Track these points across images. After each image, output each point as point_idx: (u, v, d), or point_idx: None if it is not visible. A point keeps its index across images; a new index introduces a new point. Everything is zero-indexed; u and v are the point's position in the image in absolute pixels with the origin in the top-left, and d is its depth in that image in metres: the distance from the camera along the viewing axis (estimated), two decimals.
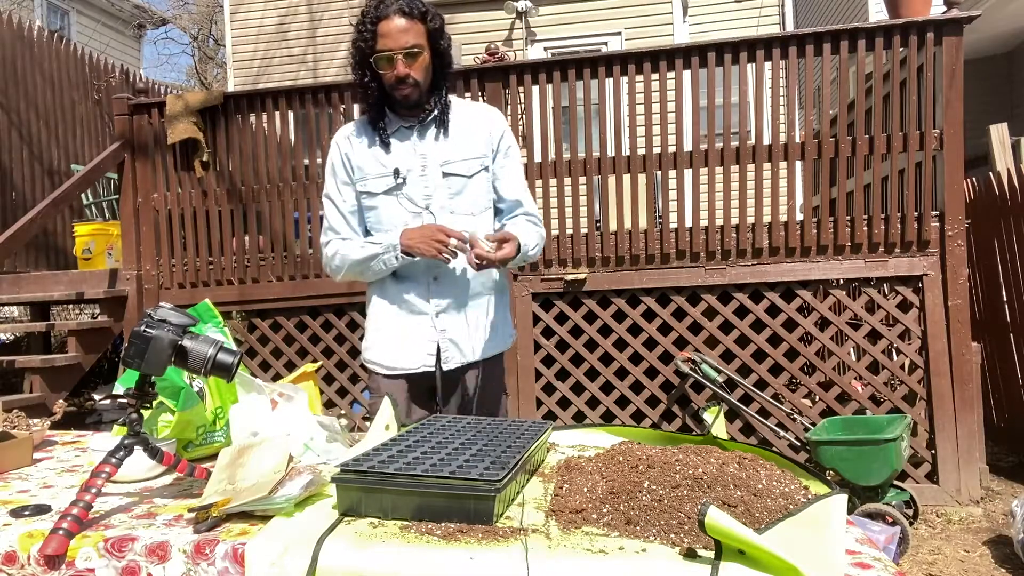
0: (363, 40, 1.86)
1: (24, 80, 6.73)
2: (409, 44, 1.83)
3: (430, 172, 1.95)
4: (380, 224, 1.98)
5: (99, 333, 4.74)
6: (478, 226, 1.95)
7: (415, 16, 1.84)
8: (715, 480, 1.15)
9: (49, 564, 1.18)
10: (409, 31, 1.83)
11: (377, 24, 1.83)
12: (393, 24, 1.82)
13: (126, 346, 1.29)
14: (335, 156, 2.02)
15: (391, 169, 1.94)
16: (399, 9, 1.82)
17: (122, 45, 13.94)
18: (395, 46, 1.83)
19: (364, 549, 1.07)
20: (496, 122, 2.03)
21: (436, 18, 1.88)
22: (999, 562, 3.22)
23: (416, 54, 1.85)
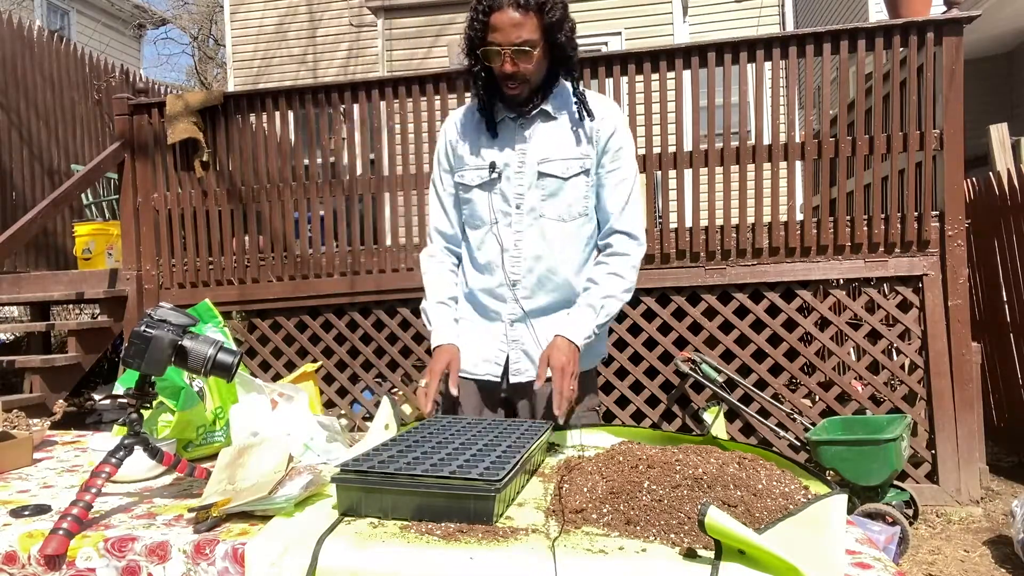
0: (473, 29, 1.72)
1: (24, 80, 6.73)
2: (521, 40, 1.67)
3: (527, 170, 1.81)
4: (473, 219, 1.88)
5: (99, 333, 4.74)
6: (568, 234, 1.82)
7: (531, 8, 1.66)
8: (715, 480, 1.15)
9: (49, 564, 1.18)
10: (523, 26, 1.67)
11: (489, 15, 1.68)
12: (506, 17, 1.66)
13: (126, 346, 1.29)
14: (441, 143, 1.93)
15: (488, 162, 1.83)
16: (515, 2, 1.65)
17: (122, 45, 13.94)
18: (504, 41, 1.68)
19: (364, 549, 1.07)
20: (607, 119, 1.82)
21: (555, 9, 1.69)
22: (999, 562, 3.22)
23: (527, 51, 1.69)
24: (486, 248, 1.86)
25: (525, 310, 1.84)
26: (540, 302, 1.84)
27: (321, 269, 4.52)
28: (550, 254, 1.82)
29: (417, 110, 4.44)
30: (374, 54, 8.88)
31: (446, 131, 1.92)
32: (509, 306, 1.85)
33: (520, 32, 1.66)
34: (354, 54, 9.64)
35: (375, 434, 1.63)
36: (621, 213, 1.82)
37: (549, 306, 1.85)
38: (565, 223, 1.81)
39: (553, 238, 1.81)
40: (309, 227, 4.75)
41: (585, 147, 1.80)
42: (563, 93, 1.83)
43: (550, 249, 1.82)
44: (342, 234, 4.52)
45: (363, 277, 4.47)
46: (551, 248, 1.82)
